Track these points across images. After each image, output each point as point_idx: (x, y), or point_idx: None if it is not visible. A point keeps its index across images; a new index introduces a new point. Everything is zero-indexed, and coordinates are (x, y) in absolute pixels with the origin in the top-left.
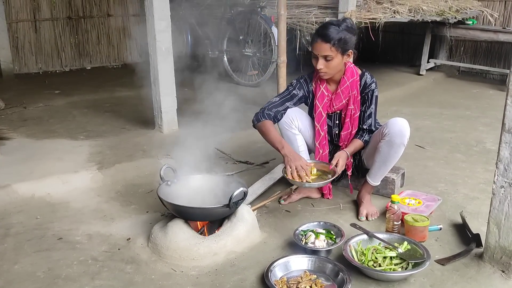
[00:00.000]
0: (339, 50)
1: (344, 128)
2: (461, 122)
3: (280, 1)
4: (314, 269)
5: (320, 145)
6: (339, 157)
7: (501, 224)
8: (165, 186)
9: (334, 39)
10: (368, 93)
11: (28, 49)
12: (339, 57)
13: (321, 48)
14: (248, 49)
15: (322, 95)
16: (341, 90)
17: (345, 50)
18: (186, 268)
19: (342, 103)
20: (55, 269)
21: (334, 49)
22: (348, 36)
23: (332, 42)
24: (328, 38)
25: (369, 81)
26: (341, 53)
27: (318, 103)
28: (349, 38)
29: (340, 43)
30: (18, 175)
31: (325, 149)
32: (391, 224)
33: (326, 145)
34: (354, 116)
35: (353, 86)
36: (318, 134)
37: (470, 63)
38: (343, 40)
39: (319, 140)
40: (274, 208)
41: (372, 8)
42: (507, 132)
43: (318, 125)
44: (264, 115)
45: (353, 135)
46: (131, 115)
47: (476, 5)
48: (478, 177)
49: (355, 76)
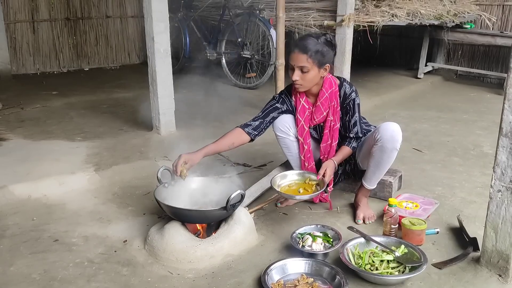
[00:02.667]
0: (315, 63)
1: (323, 140)
2: (459, 126)
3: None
4: (311, 272)
5: (305, 158)
6: (327, 167)
7: (498, 228)
8: (162, 188)
9: (311, 50)
10: (350, 103)
11: (26, 50)
12: (315, 69)
13: (298, 58)
14: (246, 52)
15: (303, 108)
16: (321, 102)
17: (322, 63)
18: (183, 271)
19: (323, 115)
20: (51, 271)
21: (311, 60)
22: (325, 49)
23: (309, 54)
24: (305, 49)
25: (348, 91)
26: (318, 66)
27: (300, 116)
28: (327, 52)
29: (317, 56)
30: (14, 176)
31: (310, 162)
32: (388, 227)
33: (311, 158)
34: (334, 127)
35: (332, 97)
36: (301, 147)
37: (468, 66)
38: (320, 52)
39: (304, 153)
40: (271, 211)
41: (370, 12)
42: (504, 136)
43: (301, 139)
44: (242, 125)
45: (334, 147)
46: (129, 117)
47: (474, 9)
48: (475, 181)
49: (333, 87)
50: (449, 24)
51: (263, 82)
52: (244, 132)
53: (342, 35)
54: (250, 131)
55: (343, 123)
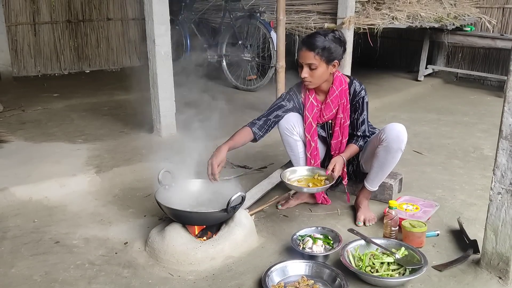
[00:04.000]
0: (323, 59)
1: (334, 137)
2: (459, 128)
3: (279, 6)
4: (312, 274)
5: (312, 156)
6: (336, 162)
7: (498, 230)
8: (163, 190)
9: (318, 47)
10: (359, 101)
11: (27, 52)
12: (323, 66)
13: (306, 56)
14: (247, 54)
15: (311, 106)
16: (331, 100)
17: (330, 60)
18: (183, 273)
19: (332, 112)
20: (52, 273)
21: (318, 57)
22: (333, 46)
23: (316, 51)
24: (313, 46)
25: (358, 88)
26: (326, 62)
27: (308, 113)
28: (335, 48)
29: (324, 52)
30: (15, 178)
31: (316, 160)
32: (389, 229)
33: (318, 156)
34: (344, 124)
35: (342, 95)
36: (309, 144)
37: (468, 69)
38: (327, 49)
39: (310, 150)
40: (271, 213)
41: (370, 14)
42: (504, 139)
43: (309, 136)
44: (249, 123)
45: (344, 144)
46: (130, 119)
47: (474, 12)
48: (475, 183)
49: (343, 84)
50: (449, 26)
51: (263, 84)
52: (251, 131)
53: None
54: (256, 131)
55: (351, 121)
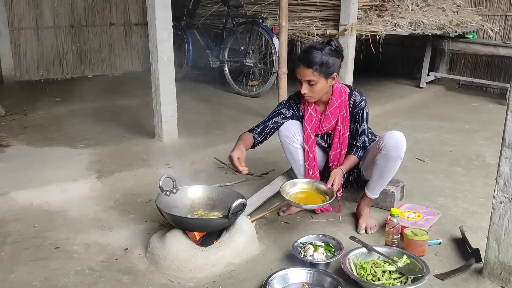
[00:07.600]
0: (321, 75)
1: (332, 148)
2: (461, 136)
3: (281, 13)
4: (313, 282)
5: (310, 166)
6: (336, 176)
7: (500, 239)
8: (164, 196)
9: (316, 64)
10: (359, 112)
11: (30, 57)
12: (323, 81)
13: (304, 73)
14: (249, 60)
15: (310, 117)
16: (330, 111)
17: (328, 74)
18: (184, 280)
19: (331, 124)
20: (51, 278)
21: (317, 73)
22: (331, 60)
23: (314, 67)
24: (310, 63)
25: (358, 99)
26: (325, 77)
27: (307, 124)
28: (333, 62)
29: (322, 68)
30: (16, 183)
31: (314, 170)
32: (391, 237)
33: (316, 167)
34: (343, 136)
35: (342, 107)
36: (307, 155)
37: (470, 76)
38: (325, 64)
39: (308, 161)
40: (273, 220)
41: (373, 21)
42: (507, 147)
43: (307, 147)
44: (249, 130)
45: (343, 155)
46: (131, 124)
47: (476, 19)
48: (478, 191)
49: (343, 96)
50: (451, 34)
51: (265, 90)
52: (251, 136)
53: (345, 44)
54: (256, 136)
55: (350, 132)
